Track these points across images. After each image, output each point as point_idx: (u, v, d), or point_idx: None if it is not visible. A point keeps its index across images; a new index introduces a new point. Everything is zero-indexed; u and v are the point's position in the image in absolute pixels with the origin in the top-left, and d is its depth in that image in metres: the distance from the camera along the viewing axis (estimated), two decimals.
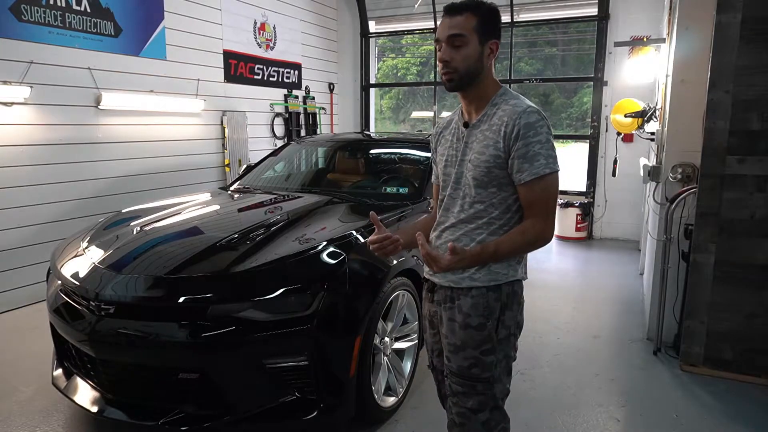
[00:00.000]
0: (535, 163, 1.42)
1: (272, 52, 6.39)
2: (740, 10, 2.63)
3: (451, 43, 1.45)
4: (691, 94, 3.01)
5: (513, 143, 1.43)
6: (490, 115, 1.50)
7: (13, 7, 3.74)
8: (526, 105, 1.46)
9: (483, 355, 1.52)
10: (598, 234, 6.54)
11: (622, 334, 3.55)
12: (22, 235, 3.99)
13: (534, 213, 1.46)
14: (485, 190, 1.50)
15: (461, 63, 1.46)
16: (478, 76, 1.48)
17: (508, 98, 1.51)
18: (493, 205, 1.51)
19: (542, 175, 1.42)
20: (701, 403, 2.68)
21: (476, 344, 1.52)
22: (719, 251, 2.85)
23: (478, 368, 1.53)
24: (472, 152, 1.52)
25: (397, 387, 2.56)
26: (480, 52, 1.47)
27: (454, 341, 1.55)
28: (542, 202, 1.45)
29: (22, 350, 3.27)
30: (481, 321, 1.51)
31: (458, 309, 1.54)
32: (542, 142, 1.42)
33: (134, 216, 2.97)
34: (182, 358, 2.09)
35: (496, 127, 1.46)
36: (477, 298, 1.52)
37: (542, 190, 1.44)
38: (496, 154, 1.45)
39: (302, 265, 2.24)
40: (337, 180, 3.79)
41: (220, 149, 5.71)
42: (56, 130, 4.14)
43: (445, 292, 1.58)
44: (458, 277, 1.53)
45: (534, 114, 1.43)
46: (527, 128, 1.42)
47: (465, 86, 1.50)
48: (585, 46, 9.21)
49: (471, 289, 1.52)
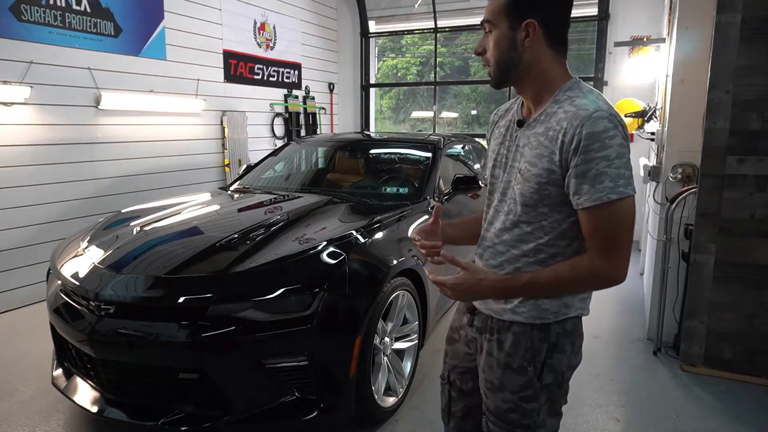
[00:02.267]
0: (597, 186, 1.10)
1: (272, 52, 6.39)
2: (740, 10, 2.63)
3: (485, 30, 1.24)
4: (691, 94, 3.01)
5: (572, 157, 1.12)
6: (550, 114, 1.19)
7: (13, 7, 3.74)
8: (594, 107, 1.12)
9: (523, 402, 1.28)
10: None
11: (622, 334, 3.55)
12: (22, 235, 3.99)
13: (593, 245, 1.15)
14: (534, 210, 1.21)
15: (492, 53, 1.22)
16: (516, 67, 1.20)
17: (575, 95, 1.18)
18: (543, 229, 1.22)
19: (607, 202, 1.10)
20: (701, 403, 2.68)
21: (516, 388, 1.28)
22: (719, 251, 2.85)
23: (516, 414, 1.30)
24: (522, 160, 1.22)
25: (397, 387, 2.56)
26: (511, 38, 1.18)
27: (492, 379, 1.32)
28: (605, 233, 1.13)
29: (22, 350, 3.27)
30: (522, 364, 1.27)
31: (498, 344, 1.30)
32: (610, 158, 1.09)
33: (134, 216, 2.97)
34: (182, 358, 2.09)
35: (554, 132, 1.15)
36: (519, 336, 1.26)
37: (607, 219, 1.12)
38: (550, 168, 1.15)
39: (302, 265, 2.24)
40: (337, 180, 3.79)
41: (220, 149, 5.71)
42: (56, 130, 4.14)
43: (486, 320, 1.34)
44: (500, 308, 1.29)
45: (603, 121, 1.10)
46: (591, 139, 1.09)
47: (507, 81, 1.24)
48: (585, 46, 9.20)
49: (512, 324, 1.27)
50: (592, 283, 1.19)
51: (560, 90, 1.20)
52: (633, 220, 1.14)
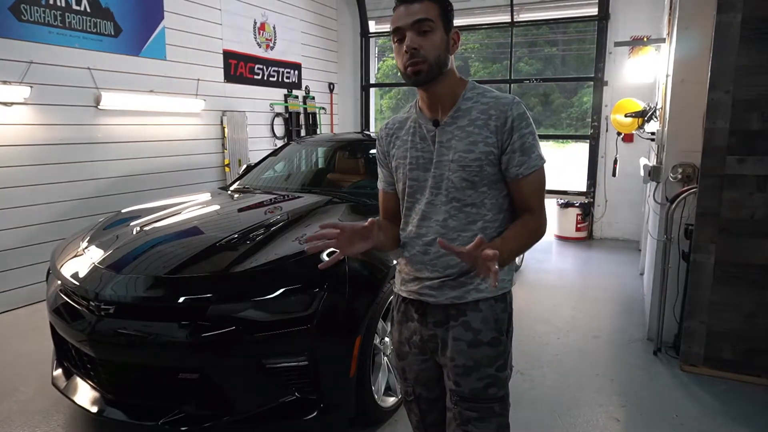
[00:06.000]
0: (532, 155, 1.34)
1: (272, 52, 6.39)
2: (740, 10, 2.63)
3: (417, 29, 1.30)
4: (691, 94, 3.01)
5: (508, 137, 1.33)
6: (465, 110, 1.37)
7: (13, 7, 3.74)
8: (510, 96, 1.37)
9: (498, 372, 1.40)
10: (598, 234, 6.54)
11: (622, 334, 3.55)
12: (22, 235, 3.99)
13: (531, 206, 1.37)
14: (475, 190, 1.36)
15: (431, 51, 1.30)
16: (445, 67, 1.35)
17: (484, 92, 1.39)
18: (485, 206, 1.38)
19: (538, 168, 1.35)
20: (701, 403, 2.68)
21: (491, 361, 1.39)
22: (719, 251, 2.85)
23: (495, 387, 1.40)
24: (453, 152, 1.36)
25: (397, 387, 2.56)
26: (446, 41, 1.34)
27: (464, 362, 1.39)
28: (538, 194, 1.38)
29: (22, 350, 3.27)
30: (495, 335, 1.39)
31: (465, 326, 1.39)
32: (533, 133, 1.35)
33: (134, 216, 2.97)
34: (182, 358, 2.09)
35: (481, 121, 1.34)
36: (486, 311, 1.39)
37: (538, 182, 1.37)
38: (487, 151, 1.33)
39: (302, 265, 2.24)
40: (337, 180, 3.79)
41: (220, 149, 5.71)
42: (56, 130, 4.14)
43: (445, 311, 1.41)
44: (461, 292, 1.38)
45: (521, 105, 1.34)
46: (520, 119, 1.32)
47: (434, 78, 1.34)
48: (585, 46, 9.21)
49: (478, 302, 1.39)
50: (538, 235, 1.38)
51: (466, 89, 1.40)
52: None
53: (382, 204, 1.60)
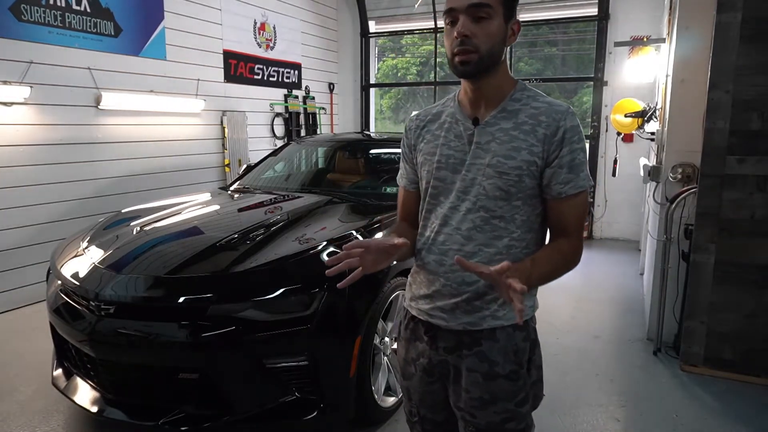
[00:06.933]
0: (580, 174, 1.19)
1: (272, 52, 6.39)
2: (740, 10, 2.63)
3: (472, 14, 1.14)
4: (691, 94, 3.01)
5: (556, 149, 1.17)
6: (512, 111, 1.21)
7: (13, 7, 3.74)
8: (565, 105, 1.21)
9: (518, 407, 1.26)
10: (598, 234, 6.54)
11: (622, 334, 3.55)
12: (22, 235, 3.99)
13: (569, 230, 1.23)
14: (508, 202, 1.20)
15: (485, 41, 1.14)
16: (498, 61, 1.19)
17: (535, 95, 1.23)
18: (515, 222, 1.22)
19: (584, 189, 1.21)
20: (701, 403, 2.68)
21: (509, 395, 1.25)
22: (719, 251, 2.85)
23: (513, 422, 1.26)
24: (491, 155, 1.20)
25: (397, 387, 2.56)
26: (504, 32, 1.17)
27: (481, 395, 1.25)
28: (580, 218, 1.23)
29: (22, 350, 3.27)
30: (513, 368, 1.25)
31: (478, 356, 1.25)
32: (584, 150, 1.20)
33: (134, 216, 2.97)
34: (182, 358, 2.09)
35: (529, 127, 1.19)
36: (504, 341, 1.24)
37: (582, 205, 1.22)
38: (530, 160, 1.18)
39: (302, 265, 2.24)
40: (337, 180, 3.79)
41: (220, 149, 5.71)
42: (56, 130, 4.13)
43: (457, 337, 1.26)
44: (476, 318, 1.23)
45: (576, 117, 1.19)
46: (573, 132, 1.17)
47: (483, 72, 1.18)
48: (585, 46, 9.21)
49: (495, 330, 1.24)
50: (573, 263, 1.24)
51: (515, 89, 1.24)
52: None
53: (401, 203, 1.44)
